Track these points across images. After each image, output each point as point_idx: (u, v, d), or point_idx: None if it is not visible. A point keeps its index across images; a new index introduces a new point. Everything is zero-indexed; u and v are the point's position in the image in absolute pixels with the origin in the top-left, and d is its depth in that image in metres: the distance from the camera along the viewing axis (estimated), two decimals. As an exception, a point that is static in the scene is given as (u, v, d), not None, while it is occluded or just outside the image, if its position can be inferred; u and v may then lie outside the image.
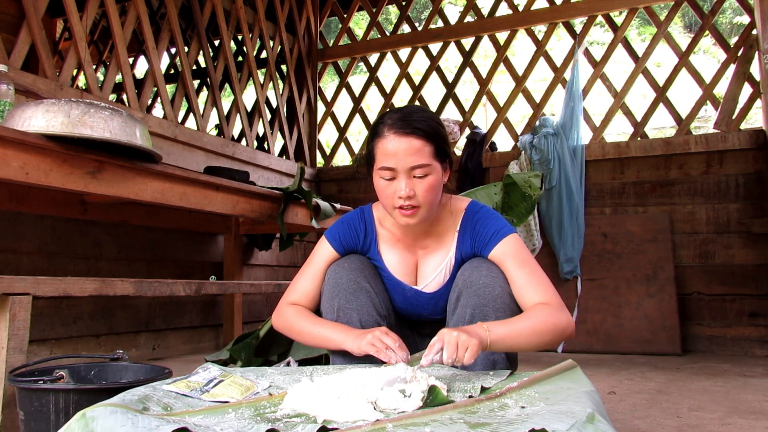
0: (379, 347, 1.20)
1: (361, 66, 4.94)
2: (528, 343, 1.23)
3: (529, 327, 1.23)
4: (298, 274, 1.50)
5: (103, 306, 2.67)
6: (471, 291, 1.33)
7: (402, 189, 1.29)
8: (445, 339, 1.12)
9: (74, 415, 0.85)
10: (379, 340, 1.21)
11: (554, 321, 1.26)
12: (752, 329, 3.09)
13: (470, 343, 1.11)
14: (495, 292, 1.32)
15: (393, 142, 1.30)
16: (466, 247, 1.43)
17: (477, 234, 1.41)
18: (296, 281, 1.50)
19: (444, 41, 4.11)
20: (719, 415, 1.66)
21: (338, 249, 1.48)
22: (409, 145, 1.29)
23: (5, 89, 1.79)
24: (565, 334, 1.27)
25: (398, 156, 1.29)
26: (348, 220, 1.50)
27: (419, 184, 1.30)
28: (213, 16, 3.58)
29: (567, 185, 3.37)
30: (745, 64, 3.26)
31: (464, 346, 1.10)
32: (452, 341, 1.11)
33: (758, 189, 3.16)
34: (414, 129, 1.30)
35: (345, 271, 1.41)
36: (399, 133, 1.30)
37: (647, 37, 10.15)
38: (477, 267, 1.36)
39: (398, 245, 1.47)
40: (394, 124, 1.31)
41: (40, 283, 1.49)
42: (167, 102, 3.14)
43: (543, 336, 1.24)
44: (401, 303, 1.49)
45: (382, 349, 1.19)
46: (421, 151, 1.29)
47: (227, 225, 3.26)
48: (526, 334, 1.22)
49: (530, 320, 1.25)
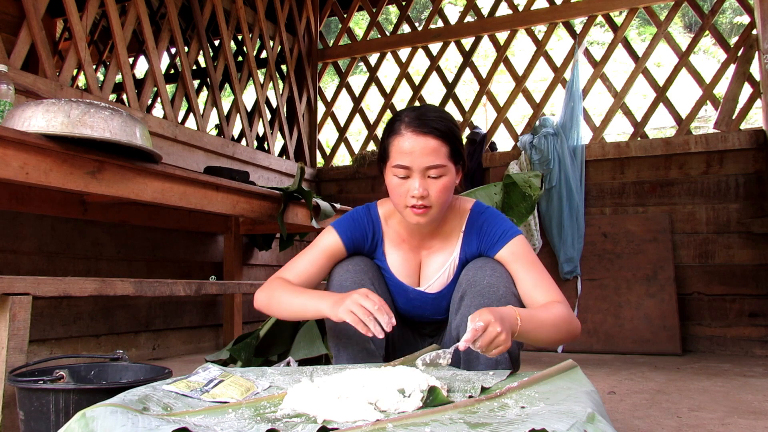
0: (359, 315, 1.16)
1: (361, 66, 4.94)
2: (546, 336, 1.24)
3: (551, 320, 1.24)
4: (294, 258, 1.46)
5: (103, 306, 2.67)
6: (475, 291, 1.33)
7: (416, 188, 1.29)
8: (488, 330, 1.08)
9: (74, 415, 0.85)
10: (358, 305, 1.16)
11: (570, 318, 1.28)
12: (752, 329, 3.09)
13: (504, 345, 1.09)
14: (499, 292, 1.31)
15: (410, 141, 1.29)
16: (472, 248, 1.42)
17: (484, 234, 1.41)
18: (293, 262, 1.45)
19: (444, 41, 4.11)
20: (719, 415, 1.66)
21: (347, 243, 1.44)
22: (426, 145, 1.28)
23: (5, 89, 1.79)
24: (576, 332, 1.29)
25: (414, 155, 1.28)
26: (357, 218, 1.47)
27: (433, 185, 1.30)
28: (213, 16, 3.58)
29: (567, 185, 3.37)
30: (745, 64, 3.26)
31: (496, 345, 1.09)
32: (490, 336, 1.08)
33: (758, 189, 3.16)
34: (431, 129, 1.29)
35: (349, 274, 1.40)
36: (416, 131, 1.29)
37: (647, 37, 10.15)
38: (481, 267, 1.36)
39: (403, 246, 1.46)
40: (412, 122, 1.30)
41: (40, 283, 1.49)
42: (167, 102, 3.14)
43: (559, 332, 1.25)
44: (403, 304, 1.48)
45: (362, 317, 1.15)
46: (438, 152, 1.29)
47: (227, 225, 3.26)
48: (546, 327, 1.23)
49: (551, 314, 1.26)
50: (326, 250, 1.44)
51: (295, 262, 1.44)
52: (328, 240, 1.45)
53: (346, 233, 1.45)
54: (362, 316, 1.16)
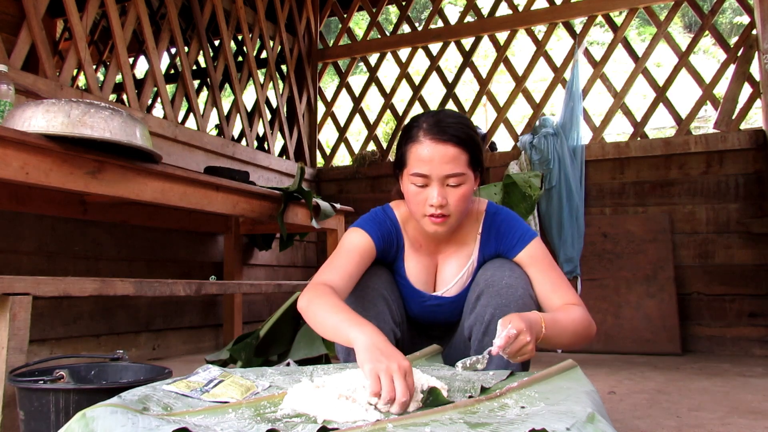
0: (383, 384, 0.93)
1: (361, 66, 4.94)
2: (568, 341, 1.24)
3: (571, 325, 1.24)
4: (330, 259, 1.35)
5: (103, 306, 2.67)
6: (493, 291, 1.31)
7: (434, 197, 1.26)
8: (519, 337, 1.09)
9: (74, 415, 0.85)
10: (389, 378, 0.94)
11: (588, 321, 1.28)
12: (752, 329, 3.09)
13: (530, 354, 1.11)
14: (518, 293, 1.30)
15: (428, 149, 1.26)
16: (490, 249, 1.41)
17: (502, 236, 1.39)
18: (331, 262, 1.33)
19: (444, 41, 4.11)
20: (719, 415, 1.66)
21: (378, 243, 1.37)
22: (445, 153, 1.25)
23: (5, 89, 1.79)
24: (592, 334, 1.29)
25: (433, 163, 1.25)
26: (381, 221, 1.42)
27: (452, 193, 1.27)
28: (213, 16, 3.58)
29: (567, 185, 3.37)
30: (745, 64, 3.26)
31: (522, 354, 1.10)
32: (519, 344, 1.09)
33: (758, 189, 3.16)
34: (450, 136, 1.25)
35: (361, 278, 1.39)
36: (435, 139, 1.25)
37: (647, 37, 10.15)
38: (500, 267, 1.35)
39: (420, 251, 1.44)
40: (430, 129, 1.27)
41: (40, 283, 1.49)
42: (167, 102, 3.14)
43: (578, 335, 1.25)
44: (417, 311, 1.47)
45: (385, 389, 0.93)
46: (457, 160, 1.26)
47: (227, 225, 3.26)
48: (568, 332, 1.23)
49: (570, 318, 1.25)
50: (360, 250, 1.35)
51: (334, 262, 1.33)
52: (358, 240, 1.36)
53: (376, 234, 1.38)
54: (385, 389, 0.93)
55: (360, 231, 1.38)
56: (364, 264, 1.35)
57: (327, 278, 1.28)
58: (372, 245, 1.37)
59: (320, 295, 1.20)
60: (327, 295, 1.20)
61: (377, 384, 0.93)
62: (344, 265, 1.31)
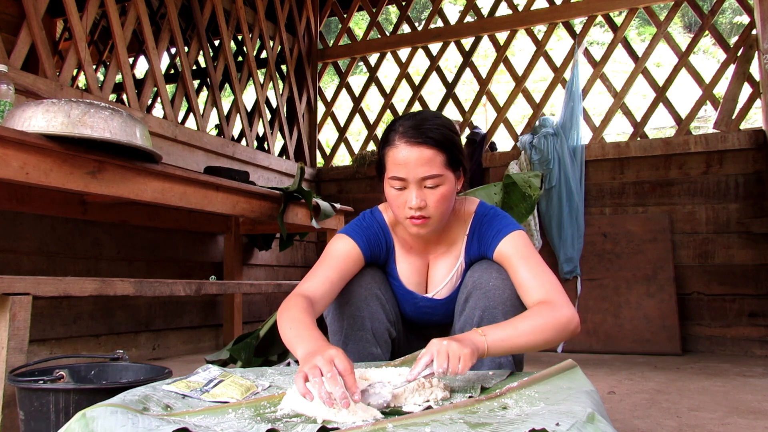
0: (311, 384, 0.95)
1: (361, 66, 4.94)
2: (529, 343, 1.16)
3: (530, 327, 1.17)
4: (313, 269, 1.35)
5: (103, 306, 2.67)
6: (480, 293, 1.32)
7: (413, 200, 1.26)
8: (434, 350, 1.03)
9: (74, 415, 0.85)
10: (315, 369, 0.95)
11: (555, 317, 1.19)
12: (752, 329, 3.09)
13: (462, 353, 1.03)
14: (505, 295, 1.30)
15: (403, 152, 1.26)
16: (473, 251, 1.41)
17: (482, 237, 1.39)
18: (311, 273, 1.34)
19: (444, 41, 4.11)
20: (719, 415, 1.66)
21: (364, 250, 1.38)
22: (420, 155, 1.25)
23: (5, 89, 1.79)
24: (568, 329, 1.20)
25: (409, 166, 1.25)
26: (368, 226, 1.42)
27: (431, 195, 1.27)
28: (213, 16, 3.58)
29: (567, 185, 3.37)
30: (745, 64, 3.26)
31: (456, 356, 1.02)
32: (443, 351, 1.03)
33: (758, 189, 3.16)
34: (425, 138, 1.25)
35: (355, 278, 1.39)
36: (410, 142, 1.25)
37: (647, 37, 10.15)
38: (487, 269, 1.35)
39: (411, 253, 1.44)
40: (406, 132, 1.27)
41: (40, 283, 1.49)
42: (167, 102, 3.14)
43: (544, 334, 1.17)
44: (411, 312, 1.47)
45: (315, 383, 0.94)
46: (433, 161, 1.25)
47: (227, 225, 3.26)
48: (527, 334, 1.16)
49: (530, 320, 1.18)
50: (344, 257, 1.36)
51: (317, 270, 1.34)
52: (343, 246, 1.37)
53: (362, 238, 1.39)
54: (311, 382, 0.95)
55: (345, 237, 1.39)
56: (349, 270, 1.37)
57: (306, 287, 1.29)
58: (358, 251, 1.38)
59: (290, 308, 1.21)
60: (294, 308, 1.20)
61: (303, 387, 0.94)
62: (326, 272, 1.33)
